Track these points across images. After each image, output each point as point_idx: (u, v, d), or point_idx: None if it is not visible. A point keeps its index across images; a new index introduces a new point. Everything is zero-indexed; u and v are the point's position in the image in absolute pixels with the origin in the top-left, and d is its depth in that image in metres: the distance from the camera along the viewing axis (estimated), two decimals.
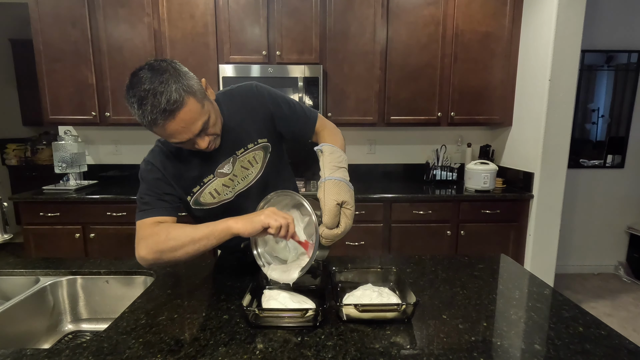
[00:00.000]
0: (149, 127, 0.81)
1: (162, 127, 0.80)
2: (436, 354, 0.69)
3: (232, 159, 1.02)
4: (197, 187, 1.01)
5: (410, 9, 2.53)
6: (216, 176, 1.01)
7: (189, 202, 1.02)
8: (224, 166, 1.01)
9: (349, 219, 0.90)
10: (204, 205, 1.03)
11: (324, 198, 0.89)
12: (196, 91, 0.83)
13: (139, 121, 0.82)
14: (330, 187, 0.90)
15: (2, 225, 1.10)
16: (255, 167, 1.05)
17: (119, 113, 2.58)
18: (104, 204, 2.38)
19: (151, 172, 0.98)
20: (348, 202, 0.90)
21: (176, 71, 0.81)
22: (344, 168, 0.97)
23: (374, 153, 3.05)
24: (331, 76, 2.57)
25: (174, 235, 0.86)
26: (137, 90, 0.78)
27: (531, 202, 2.48)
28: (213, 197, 1.03)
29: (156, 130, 0.82)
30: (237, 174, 1.04)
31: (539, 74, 2.40)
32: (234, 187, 1.05)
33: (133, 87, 0.79)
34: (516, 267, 1.15)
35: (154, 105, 0.77)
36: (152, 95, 0.77)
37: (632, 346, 0.72)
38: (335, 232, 0.89)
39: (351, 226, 0.91)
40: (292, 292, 0.89)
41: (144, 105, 0.77)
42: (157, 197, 0.96)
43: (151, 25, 2.49)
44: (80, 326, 1.12)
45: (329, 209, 0.88)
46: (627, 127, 3.14)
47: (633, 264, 3.22)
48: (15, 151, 4.30)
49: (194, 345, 0.72)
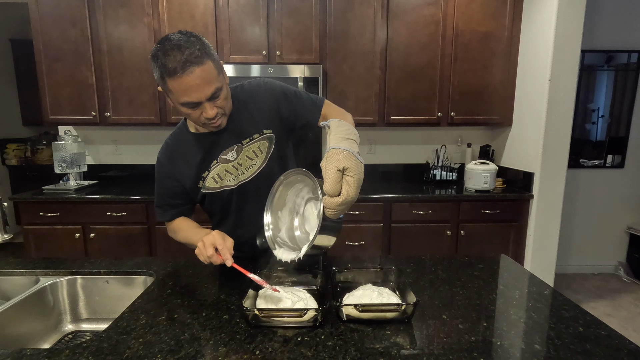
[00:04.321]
0: (168, 78, 0.88)
1: (180, 79, 0.87)
2: (436, 354, 0.69)
3: (237, 147, 1.07)
4: (206, 172, 1.08)
5: (410, 9, 2.53)
6: (219, 162, 1.07)
7: (200, 189, 1.10)
8: (227, 153, 1.07)
9: (350, 186, 0.81)
10: (211, 190, 1.10)
11: (325, 165, 0.83)
12: (215, 59, 0.92)
13: (159, 73, 0.89)
14: (333, 154, 0.84)
15: (2, 225, 1.10)
16: (259, 158, 1.10)
17: (119, 113, 2.58)
18: (104, 204, 2.38)
19: (159, 168, 1.11)
20: (350, 169, 0.81)
21: (202, 40, 0.92)
22: (352, 140, 0.89)
23: (374, 153, 3.05)
24: (331, 76, 2.57)
25: (177, 237, 1.16)
26: (164, 44, 0.88)
27: (531, 202, 2.48)
28: (215, 182, 1.09)
29: (173, 83, 0.88)
30: (242, 164, 1.08)
31: (539, 74, 2.40)
32: (238, 176, 1.09)
33: (161, 43, 0.89)
34: (516, 267, 1.14)
35: (177, 56, 0.86)
36: (177, 48, 0.86)
37: (632, 346, 0.72)
38: (335, 200, 0.81)
39: (355, 197, 0.83)
40: (287, 287, 0.90)
41: (168, 55, 0.86)
42: (162, 202, 1.14)
43: (151, 25, 2.49)
44: (80, 326, 1.12)
45: (329, 174, 0.81)
46: (627, 127, 3.14)
47: (633, 264, 3.22)
48: (15, 151, 4.30)
49: (194, 345, 0.72)
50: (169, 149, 1.10)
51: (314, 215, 0.94)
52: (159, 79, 0.91)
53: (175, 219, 1.15)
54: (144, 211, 2.40)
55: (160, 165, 1.10)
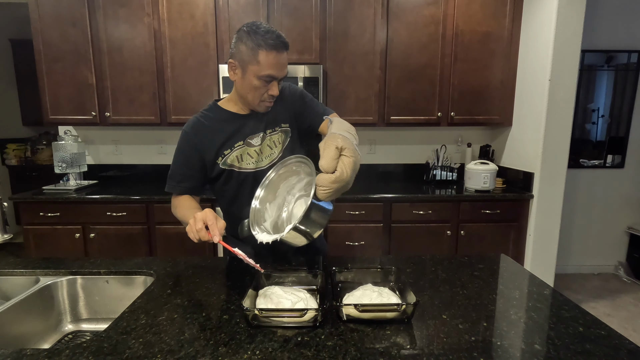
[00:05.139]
0: (264, 50, 1.01)
1: (274, 55, 1.02)
2: (436, 354, 0.69)
3: (262, 135, 1.16)
4: (228, 150, 1.15)
5: (410, 9, 2.53)
6: (245, 144, 1.15)
7: (217, 164, 1.14)
8: (253, 137, 1.16)
9: (346, 165, 0.81)
10: (230, 167, 1.15)
11: (324, 144, 0.85)
12: None
13: (253, 46, 1.01)
14: (332, 136, 0.86)
15: (2, 225, 1.10)
16: (277, 149, 1.18)
17: (119, 113, 2.58)
18: (104, 204, 2.38)
19: (183, 138, 1.15)
20: (348, 149, 0.83)
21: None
22: (352, 135, 0.92)
23: (374, 153, 3.05)
24: (331, 76, 2.57)
25: (176, 212, 1.16)
26: (258, 26, 1.02)
27: (531, 202, 2.48)
28: (238, 162, 1.16)
29: (267, 56, 1.02)
30: (264, 151, 1.17)
31: (539, 74, 2.40)
32: (257, 162, 1.16)
33: (254, 26, 1.02)
34: (516, 267, 1.15)
35: (278, 36, 1.02)
36: (273, 32, 1.02)
37: (632, 346, 0.72)
38: (330, 176, 0.81)
39: (349, 179, 0.82)
40: (287, 287, 0.90)
41: (267, 33, 1.01)
42: (178, 172, 1.16)
43: (151, 25, 2.49)
44: (80, 326, 1.12)
45: (327, 151, 0.83)
46: (627, 127, 3.14)
47: (633, 264, 3.22)
48: (15, 151, 4.30)
49: (194, 345, 0.72)
50: (197, 122, 1.15)
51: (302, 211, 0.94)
52: (248, 52, 1.02)
53: (182, 195, 1.18)
54: (144, 211, 2.40)
55: (185, 135, 1.15)
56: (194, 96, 2.56)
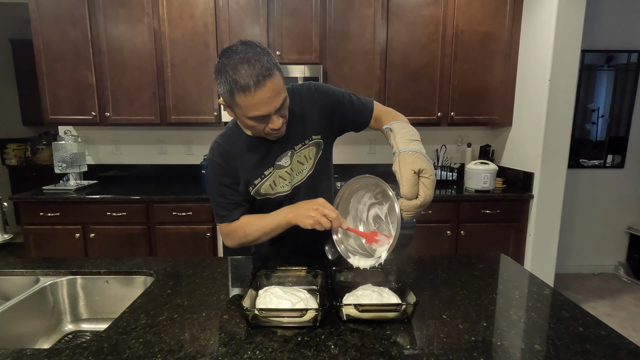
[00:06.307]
0: (239, 94, 0.86)
1: (252, 95, 0.85)
2: (436, 354, 0.69)
3: (291, 152, 1.07)
4: (259, 180, 1.07)
5: (410, 9, 2.53)
6: (275, 168, 1.07)
7: (249, 192, 1.08)
8: (281, 159, 1.07)
9: (428, 188, 0.83)
10: (264, 196, 1.09)
11: (400, 169, 0.84)
12: (279, 66, 0.91)
13: (227, 89, 0.87)
14: (406, 157, 0.85)
15: (2, 225, 1.10)
16: (308, 164, 1.11)
17: (119, 113, 2.58)
18: (104, 204, 2.38)
19: (214, 170, 1.06)
20: (426, 170, 0.83)
21: (265, 49, 0.90)
22: (418, 141, 0.91)
23: (374, 153, 3.05)
24: (331, 76, 2.57)
25: (249, 231, 1.05)
26: (231, 59, 0.85)
27: (531, 202, 2.48)
28: (272, 189, 1.09)
29: (244, 99, 0.86)
30: (294, 169, 1.09)
31: (539, 74, 2.40)
32: (291, 181, 1.10)
33: (227, 57, 0.86)
34: (516, 267, 1.14)
35: (247, 70, 0.84)
36: (247, 62, 0.84)
37: (632, 346, 0.72)
38: (414, 202, 0.83)
39: (432, 197, 0.84)
40: (287, 287, 0.90)
41: (238, 70, 0.84)
42: (227, 202, 1.07)
43: (151, 25, 2.49)
44: (80, 326, 1.12)
45: (406, 178, 0.83)
46: (627, 127, 3.15)
47: (633, 264, 3.22)
48: (15, 151, 4.30)
49: (194, 345, 0.72)
50: (221, 149, 1.05)
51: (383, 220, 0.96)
52: (227, 95, 0.89)
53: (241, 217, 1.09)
54: (144, 211, 2.40)
55: (215, 166, 1.05)
56: (194, 96, 2.56)
